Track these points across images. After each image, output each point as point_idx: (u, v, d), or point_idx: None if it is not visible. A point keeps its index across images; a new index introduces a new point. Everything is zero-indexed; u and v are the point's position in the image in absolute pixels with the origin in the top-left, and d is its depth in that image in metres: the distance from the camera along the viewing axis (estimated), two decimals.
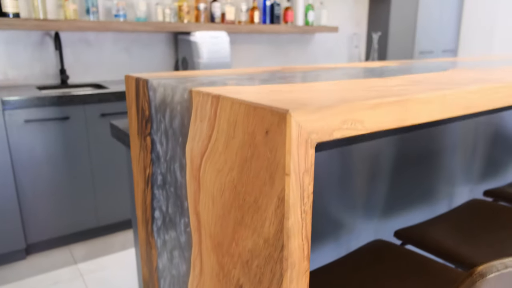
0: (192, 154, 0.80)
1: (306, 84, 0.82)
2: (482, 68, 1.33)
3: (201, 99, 0.73)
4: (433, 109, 0.73)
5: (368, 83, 0.84)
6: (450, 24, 4.14)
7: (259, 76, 0.99)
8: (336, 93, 0.69)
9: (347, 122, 0.60)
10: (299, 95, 0.67)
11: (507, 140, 1.69)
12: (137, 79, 0.99)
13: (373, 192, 1.23)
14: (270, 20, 3.28)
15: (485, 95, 0.83)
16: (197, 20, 2.90)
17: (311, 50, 3.77)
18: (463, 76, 1.03)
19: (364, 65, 1.43)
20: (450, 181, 1.46)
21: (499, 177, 1.69)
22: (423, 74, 1.05)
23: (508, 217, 1.29)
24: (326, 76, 1.00)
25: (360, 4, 4.04)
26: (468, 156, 1.51)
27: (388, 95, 0.68)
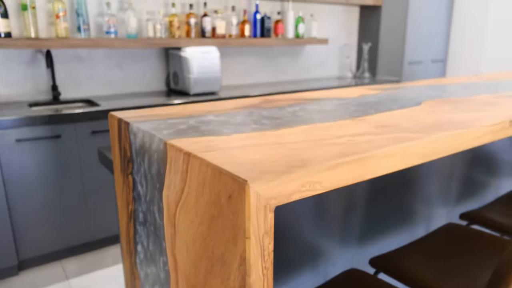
0: (168, 201, 0.84)
1: (276, 134, 0.86)
2: (460, 97, 1.38)
3: (175, 154, 0.77)
4: (393, 162, 0.77)
5: (333, 131, 0.88)
6: (439, 34, 4.20)
7: (234, 118, 1.03)
8: (299, 151, 0.73)
9: (306, 185, 0.65)
10: (264, 154, 0.71)
11: (484, 161, 1.74)
12: (119, 120, 1.03)
13: (350, 218, 1.27)
14: (261, 33, 3.32)
15: (446, 142, 0.88)
16: (188, 34, 2.94)
17: (302, 61, 3.81)
18: (433, 115, 1.07)
19: (346, 93, 1.48)
20: (427, 204, 1.51)
21: (477, 198, 1.74)
22: (394, 113, 1.10)
23: (480, 243, 1.34)
24: (300, 117, 1.04)
25: (351, 15, 4.09)
26: (445, 178, 1.56)
27: (348, 152, 0.73)
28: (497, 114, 1.09)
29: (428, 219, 1.51)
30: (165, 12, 2.93)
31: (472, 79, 2.01)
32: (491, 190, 1.80)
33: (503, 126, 1.03)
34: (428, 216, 1.51)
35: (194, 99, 2.67)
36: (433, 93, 1.48)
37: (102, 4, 2.66)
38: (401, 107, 1.21)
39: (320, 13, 3.81)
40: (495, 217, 1.50)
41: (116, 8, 2.72)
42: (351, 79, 3.92)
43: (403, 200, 1.42)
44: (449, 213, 1.59)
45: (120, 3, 2.73)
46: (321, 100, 1.32)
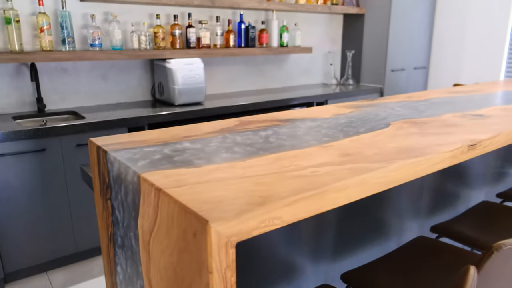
0: (142, 230, 0.89)
1: (244, 166, 0.92)
2: (428, 117, 1.45)
3: (147, 188, 0.82)
4: (350, 193, 0.83)
5: (300, 161, 0.94)
6: (421, 42, 4.29)
7: (208, 145, 1.08)
8: (262, 187, 0.78)
9: (265, 221, 0.70)
10: (229, 190, 0.77)
11: (455, 172, 1.80)
12: (98, 148, 1.08)
13: (322, 233, 1.33)
14: (245, 43, 3.37)
15: (404, 170, 0.94)
16: (173, 45, 2.98)
17: (287, 69, 3.87)
18: (397, 140, 1.14)
19: (320, 113, 1.54)
20: (399, 217, 1.57)
21: (449, 209, 1.81)
22: (361, 138, 1.16)
23: (448, 256, 1.40)
24: (271, 144, 1.10)
25: (335, 23, 4.15)
26: (416, 191, 1.62)
27: (308, 187, 0.78)
28: (458, 138, 1.16)
29: (400, 232, 1.57)
30: (150, 24, 2.96)
31: (446, 93, 2.08)
32: (462, 201, 1.87)
33: (462, 151, 1.09)
34: (400, 229, 1.57)
35: (180, 110, 2.72)
36: (403, 112, 1.55)
37: (87, 16, 2.69)
38: (369, 129, 1.27)
39: (304, 21, 3.88)
40: (463, 230, 1.57)
41: (101, 20, 2.75)
42: (335, 86, 3.99)
43: (375, 213, 1.48)
44: (421, 226, 1.66)
45: (105, 15, 2.76)
46: (294, 122, 1.37)
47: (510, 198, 1.87)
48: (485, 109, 1.63)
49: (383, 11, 3.88)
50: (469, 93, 2.08)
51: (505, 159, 2.08)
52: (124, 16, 2.84)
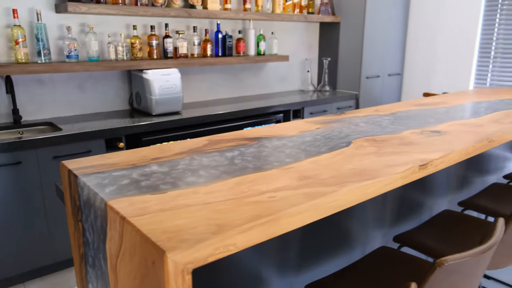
0: (110, 253, 0.94)
1: (206, 191, 0.98)
2: (388, 134, 1.53)
3: (113, 215, 0.87)
4: (303, 218, 0.90)
5: (259, 185, 1.00)
6: (395, 50, 4.41)
7: (176, 168, 1.14)
8: (219, 214, 0.85)
9: (220, 248, 0.76)
10: (188, 218, 0.82)
11: (418, 181, 1.89)
12: (69, 171, 1.13)
13: (286, 245, 1.40)
14: (223, 52, 3.43)
15: (356, 193, 1.01)
16: (150, 55, 3.02)
17: (264, 77, 3.94)
18: (354, 161, 1.21)
19: (287, 130, 1.61)
20: (363, 227, 1.65)
21: (413, 218, 1.90)
22: (321, 158, 1.23)
23: (408, 266, 1.49)
24: (234, 166, 1.16)
25: (312, 31, 4.24)
26: (379, 201, 1.70)
27: (263, 213, 0.85)
28: (411, 157, 1.24)
29: (365, 242, 1.65)
30: (127, 34, 2.99)
31: (412, 106, 2.18)
32: (426, 210, 1.97)
33: (413, 171, 1.17)
34: (365, 239, 1.65)
35: (157, 120, 2.76)
36: (366, 129, 1.63)
37: (63, 28, 2.71)
38: (330, 148, 1.34)
39: (281, 30, 3.95)
40: (424, 240, 1.65)
41: (77, 32, 2.77)
42: (312, 93, 4.08)
43: (339, 224, 1.56)
44: (385, 235, 1.74)
45: (81, 26, 2.78)
46: (261, 141, 1.44)
47: (471, 207, 1.98)
48: (444, 124, 1.72)
49: (357, 20, 3.99)
50: (433, 106, 2.18)
51: (468, 167, 2.19)
52: (101, 27, 2.87)
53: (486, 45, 3.99)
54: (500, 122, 1.76)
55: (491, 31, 3.94)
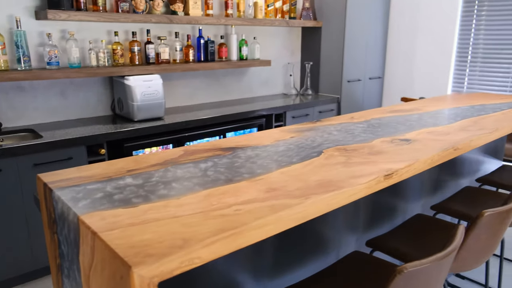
0: (83, 265, 0.98)
1: (177, 204, 1.02)
2: (358, 143, 1.59)
3: (85, 230, 0.91)
4: (268, 229, 0.95)
5: (228, 198, 1.05)
6: (376, 54, 4.50)
7: (150, 180, 1.18)
8: (186, 228, 0.89)
9: (185, 262, 0.81)
10: (157, 233, 0.86)
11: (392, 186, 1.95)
12: (45, 185, 1.15)
13: (261, 251, 1.44)
14: (205, 57, 3.46)
15: (321, 204, 1.06)
16: (132, 61, 3.04)
17: (247, 81, 3.99)
18: (322, 171, 1.26)
19: (262, 139, 1.65)
20: (337, 232, 1.71)
21: (386, 222, 1.96)
22: (290, 169, 1.28)
23: (379, 271, 1.55)
24: (207, 178, 1.20)
25: (294, 36, 4.30)
26: (352, 205, 1.75)
27: (229, 227, 0.89)
28: (377, 167, 1.30)
29: (338, 247, 1.71)
30: (108, 40, 3.01)
31: (386, 113, 2.24)
32: (399, 214, 2.03)
33: (378, 181, 1.23)
34: (339, 244, 1.71)
35: (139, 126, 2.78)
36: (338, 137, 1.69)
37: (43, 34, 2.72)
38: (302, 158, 1.39)
39: (264, 34, 4.00)
40: (395, 244, 1.72)
41: (57, 38, 2.78)
42: (295, 96, 4.14)
43: (313, 229, 1.60)
44: (358, 240, 1.80)
45: (62, 33, 2.79)
46: (235, 151, 1.48)
47: (443, 210, 2.05)
48: (413, 132, 1.79)
49: (338, 25, 4.06)
50: (406, 113, 2.25)
51: (441, 171, 2.26)
52: (82, 33, 2.88)
53: (463, 50, 4.10)
54: (467, 130, 1.83)
55: (467, 37, 4.05)
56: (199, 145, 1.57)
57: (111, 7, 2.94)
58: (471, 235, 1.42)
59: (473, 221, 1.42)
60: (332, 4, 4.07)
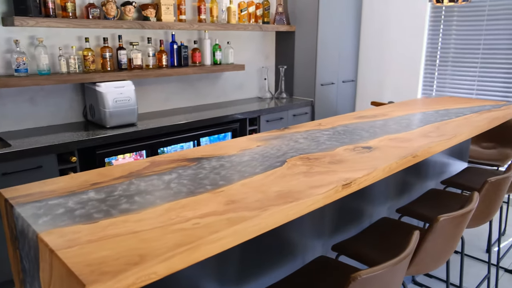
0: (44, 282, 0.99)
1: (137, 219, 1.04)
2: (322, 151, 1.63)
3: (43, 247, 0.92)
4: (225, 243, 0.98)
5: (187, 211, 1.07)
6: (349, 58, 4.58)
7: (112, 194, 1.19)
8: (144, 243, 0.91)
9: (141, 278, 0.83)
10: (114, 249, 0.89)
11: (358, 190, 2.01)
12: (6, 201, 1.16)
13: (226, 257, 1.47)
14: (178, 62, 3.47)
15: (279, 216, 1.10)
16: (104, 67, 3.02)
17: (221, 85, 4.01)
18: (284, 181, 1.30)
19: (228, 148, 1.68)
20: (303, 238, 1.75)
21: (353, 226, 2.02)
22: (252, 180, 1.31)
23: (344, 276, 1.60)
24: (169, 191, 1.22)
25: (268, 40, 4.35)
26: (319, 211, 1.80)
27: (186, 241, 0.92)
28: (336, 177, 1.35)
29: (304, 252, 1.75)
30: (79, 46, 2.99)
31: (353, 119, 2.30)
32: (365, 218, 2.09)
33: (336, 191, 1.28)
34: (305, 249, 1.75)
35: (111, 133, 2.77)
36: (304, 145, 1.73)
37: (11, 41, 2.68)
38: (265, 168, 1.43)
39: (238, 39, 4.03)
40: (360, 248, 1.77)
41: (26, 45, 2.75)
42: (270, 100, 4.19)
43: (279, 234, 1.64)
44: (325, 245, 1.85)
45: (30, 39, 2.76)
46: (201, 161, 1.51)
47: (408, 213, 2.12)
48: (376, 139, 1.85)
49: (311, 29, 4.12)
50: (372, 119, 2.31)
51: (408, 173, 2.34)
52: (51, 39, 2.85)
53: (431, 54, 4.22)
54: (428, 136, 1.90)
55: (435, 41, 4.17)
56: (165, 156, 1.59)
57: (81, 13, 2.92)
58: (427, 240, 1.49)
59: (430, 226, 1.49)
60: (304, 9, 4.13)
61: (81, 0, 2.90)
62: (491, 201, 2.01)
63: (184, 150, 1.67)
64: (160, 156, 1.58)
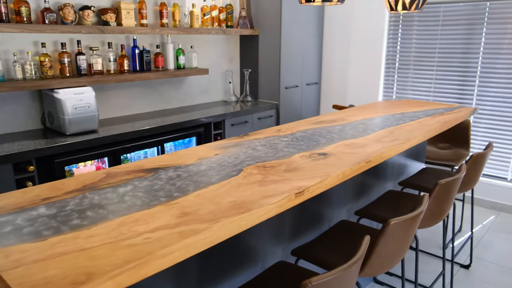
0: None
1: (87, 235, 1.03)
2: (279, 159, 1.67)
3: None
4: (175, 256, 0.99)
5: (139, 226, 1.08)
6: (312, 61, 4.67)
7: (64, 209, 1.18)
8: (92, 261, 0.91)
9: None
10: (61, 268, 0.88)
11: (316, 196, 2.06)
12: None
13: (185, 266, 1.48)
14: (141, 67, 3.43)
15: (230, 227, 1.12)
16: (62, 73, 2.96)
17: (186, 89, 4.00)
18: (238, 191, 1.32)
19: (187, 157, 1.69)
20: (262, 243, 1.78)
21: (312, 230, 2.07)
22: (207, 191, 1.33)
23: (301, 281, 1.63)
24: (123, 204, 1.22)
25: (232, 43, 4.36)
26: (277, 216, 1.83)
27: (136, 257, 0.92)
28: (290, 185, 1.38)
29: (264, 258, 1.78)
30: (36, 52, 2.91)
31: (312, 124, 2.35)
32: (325, 221, 2.15)
33: (289, 199, 1.31)
34: (264, 255, 1.78)
35: (71, 141, 2.72)
36: (261, 153, 1.76)
37: None
38: (221, 178, 1.45)
39: (201, 43, 4.03)
40: (318, 252, 1.82)
41: None
42: (235, 103, 4.21)
43: (238, 241, 1.66)
44: (284, 250, 1.89)
45: None
46: (158, 172, 1.51)
47: (366, 215, 2.19)
48: (332, 145, 1.90)
49: (274, 33, 4.17)
50: (331, 124, 2.37)
51: (366, 175, 2.41)
52: (5, 45, 2.76)
53: (391, 58, 4.36)
54: (382, 141, 1.97)
55: (394, 45, 4.31)
56: (122, 167, 1.58)
57: (37, 17, 2.84)
58: (379, 243, 1.55)
59: (381, 230, 1.55)
60: (267, 13, 4.18)
61: (36, 5, 2.83)
62: (442, 202, 2.11)
63: (141, 160, 1.67)
64: (117, 167, 1.57)
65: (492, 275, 2.80)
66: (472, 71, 3.85)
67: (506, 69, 3.66)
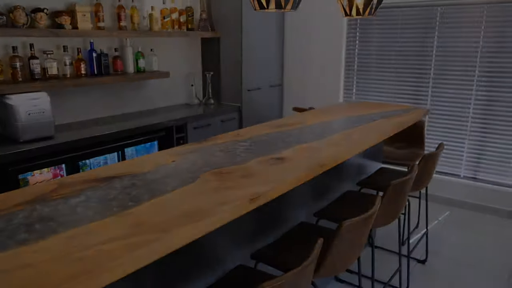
0: None
1: (34, 249, 1.01)
2: (236, 164, 1.68)
3: None
4: (126, 268, 0.99)
5: (90, 238, 1.07)
6: (274, 63, 4.72)
7: (11, 223, 1.15)
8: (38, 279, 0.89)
9: None
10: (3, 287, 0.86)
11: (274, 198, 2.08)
12: None
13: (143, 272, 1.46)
14: (99, 70, 3.36)
15: (184, 236, 1.13)
16: (15, 78, 2.85)
17: (146, 92, 3.94)
18: (193, 199, 1.33)
19: (144, 165, 1.68)
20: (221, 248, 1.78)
21: (272, 233, 2.10)
22: (162, 199, 1.33)
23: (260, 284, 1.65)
24: (75, 216, 1.20)
25: (194, 46, 4.35)
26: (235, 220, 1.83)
27: (83, 271, 0.91)
28: (245, 191, 1.40)
29: (223, 263, 1.79)
30: None
31: (271, 128, 2.39)
32: (284, 223, 2.18)
33: (243, 206, 1.33)
34: (223, 259, 1.79)
35: (25, 148, 2.63)
36: (218, 159, 1.77)
37: None
38: (177, 186, 1.45)
39: (162, 46, 3.99)
40: (277, 255, 1.84)
41: None
42: (198, 106, 4.19)
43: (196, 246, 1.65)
44: (244, 253, 1.91)
45: None
46: (112, 181, 1.49)
47: (324, 217, 2.24)
48: (289, 149, 1.94)
49: (235, 35, 4.18)
50: (289, 127, 2.41)
51: (325, 176, 2.46)
52: None
53: (349, 60, 4.47)
54: (337, 144, 2.03)
55: (352, 48, 4.42)
56: (76, 176, 1.55)
57: None
58: (333, 245, 1.59)
59: (335, 231, 1.59)
60: (228, 15, 4.19)
61: None
62: (396, 201, 2.19)
63: (96, 168, 1.64)
64: (70, 177, 1.54)
65: (447, 269, 2.94)
66: (426, 73, 4.01)
67: (457, 71, 3.84)
